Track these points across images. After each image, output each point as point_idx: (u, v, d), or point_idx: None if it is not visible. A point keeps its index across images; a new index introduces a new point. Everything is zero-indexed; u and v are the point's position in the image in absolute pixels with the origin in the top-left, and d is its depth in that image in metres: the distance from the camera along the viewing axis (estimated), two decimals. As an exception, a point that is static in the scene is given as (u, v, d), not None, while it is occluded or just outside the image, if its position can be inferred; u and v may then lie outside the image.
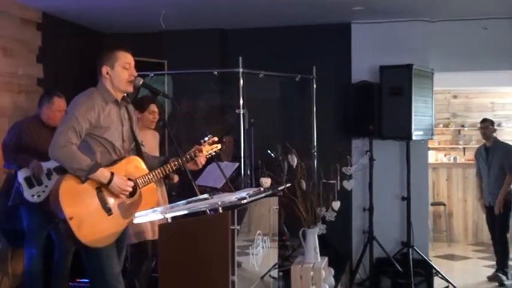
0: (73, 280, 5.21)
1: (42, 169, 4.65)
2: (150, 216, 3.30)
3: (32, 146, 4.71)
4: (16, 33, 5.53)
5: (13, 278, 5.42)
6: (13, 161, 4.68)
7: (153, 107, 4.66)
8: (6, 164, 4.71)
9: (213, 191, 4.81)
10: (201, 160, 3.70)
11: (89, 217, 3.28)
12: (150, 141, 4.66)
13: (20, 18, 5.60)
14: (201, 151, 3.70)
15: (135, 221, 3.44)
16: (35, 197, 4.65)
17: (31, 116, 4.97)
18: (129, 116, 3.60)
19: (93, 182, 3.33)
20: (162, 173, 3.59)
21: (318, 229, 5.13)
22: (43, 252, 4.83)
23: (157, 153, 4.62)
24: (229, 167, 5.41)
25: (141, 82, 3.54)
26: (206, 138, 3.77)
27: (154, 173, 3.56)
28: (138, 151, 3.62)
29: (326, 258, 5.17)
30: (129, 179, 3.45)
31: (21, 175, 4.66)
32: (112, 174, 3.33)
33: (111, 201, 3.38)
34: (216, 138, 3.84)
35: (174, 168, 3.61)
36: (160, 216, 3.21)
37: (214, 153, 3.84)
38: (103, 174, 3.30)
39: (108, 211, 3.35)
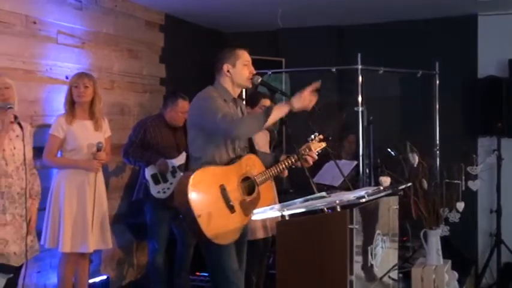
0: (193, 273, 5.34)
1: (168, 167, 4.81)
2: (268, 213, 3.31)
3: (155, 143, 4.88)
4: (141, 35, 5.77)
5: (138, 269, 5.66)
6: (140, 158, 4.86)
7: (264, 102, 4.60)
8: (132, 160, 4.91)
9: (330, 189, 4.76)
10: (311, 158, 3.69)
11: (214, 214, 3.31)
12: (262, 139, 4.67)
13: (144, 21, 5.84)
14: (310, 149, 3.71)
15: (254, 218, 3.46)
16: (160, 193, 4.82)
17: (155, 115, 5.15)
18: (242, 114, 3.64)
19: (216, 180, 3.35)
20: (278, 170, 3.60)
21: (441, 231, 4.92)
22: (165, 246, 4.99)
23: (268, 151, 4.62)
24: (347, 165, 5.32)
25: (259, 80, 3.56)
26: (313, 136, 3.77)
27: (271, 171, 3.57)
28: (251, 148, 3.65)
29: (449, 261, 4.95)
30: (248, 177, 3.49)
31: (149, 172, 4.84)
32: (288, 102, 3.36)
33: (233, 199, 3.40)
34: (322, 136, 3.82)
35: (289, 165, 3.62)
36: (278, 214, 3.21)
37: (320, 151, 3.82)
38: (280, 108, 3.37)
39: (231, 209, 3.38)
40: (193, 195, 3.26)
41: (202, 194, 3.30)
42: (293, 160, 3.62)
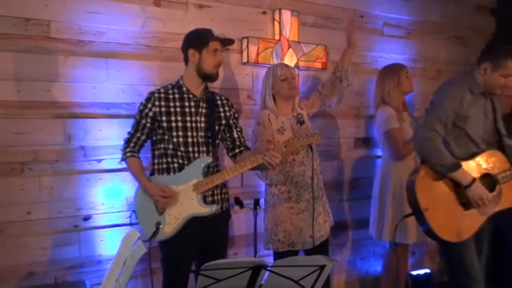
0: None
1: None
2: None
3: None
4: (469, 21, 5.49)
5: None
6: None
7: None
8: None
9: None
10: None
11: (444, 210, 3.23)
12: None
13: (473, 5, 5.55)
14: None
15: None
16: None
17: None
18: (494, 109, 3.40)
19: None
20: None
21: None
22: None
23: None
24: None
25: None
26: None
27: None
28: (500, 144, 3.39)
29: None
30: (488, 174, 3.28)
31: None
32: (474, 179, 3.18)
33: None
34: None
35: None
36: None
37: None
38: (464, 176, 3.19)
39: (465, 206, 3.24)
40: (422, 189, 3.20)
41: (433, 188, 3.22)
42: None
